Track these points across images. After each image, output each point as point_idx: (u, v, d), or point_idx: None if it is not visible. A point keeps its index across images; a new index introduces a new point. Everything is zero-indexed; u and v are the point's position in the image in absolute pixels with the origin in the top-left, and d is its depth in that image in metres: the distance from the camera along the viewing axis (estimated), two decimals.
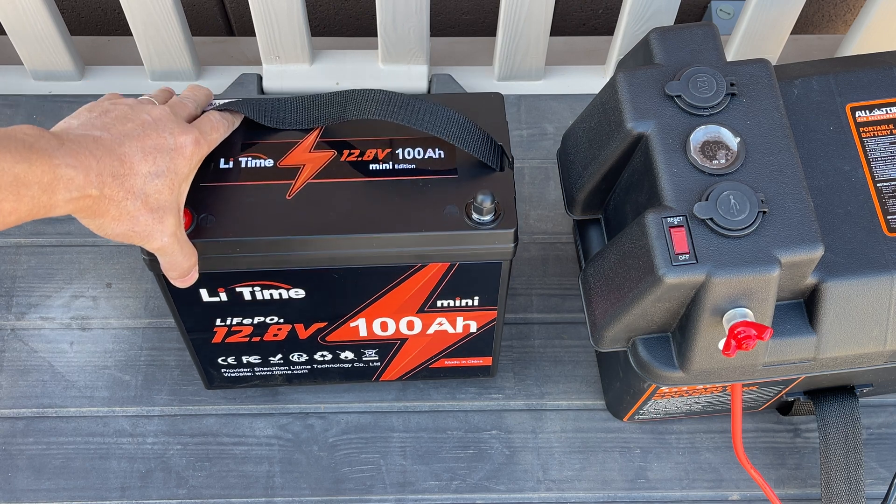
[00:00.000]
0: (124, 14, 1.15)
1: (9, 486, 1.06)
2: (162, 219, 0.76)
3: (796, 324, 0.83)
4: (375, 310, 0.95)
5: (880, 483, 1.07)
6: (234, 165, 0.87)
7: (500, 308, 0.96)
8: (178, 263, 0.81)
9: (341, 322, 0.97)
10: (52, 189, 0.67)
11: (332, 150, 0.88)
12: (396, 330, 0.99)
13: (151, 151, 0.75)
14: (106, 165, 0.71)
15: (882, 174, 0.84)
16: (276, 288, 0.91)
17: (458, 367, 1.07)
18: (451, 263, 0.89)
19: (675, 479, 1.08)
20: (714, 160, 0.79)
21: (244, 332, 0.97)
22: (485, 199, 0.82)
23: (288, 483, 1.07)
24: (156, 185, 0.75)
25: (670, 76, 0.82)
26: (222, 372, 1.05)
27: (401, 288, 0.92)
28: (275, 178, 0.86)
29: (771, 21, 1.17)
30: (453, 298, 0.94)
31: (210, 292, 0.90)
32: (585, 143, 0.89)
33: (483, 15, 1.55)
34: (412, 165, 0.87)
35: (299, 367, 1.05)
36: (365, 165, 0.87)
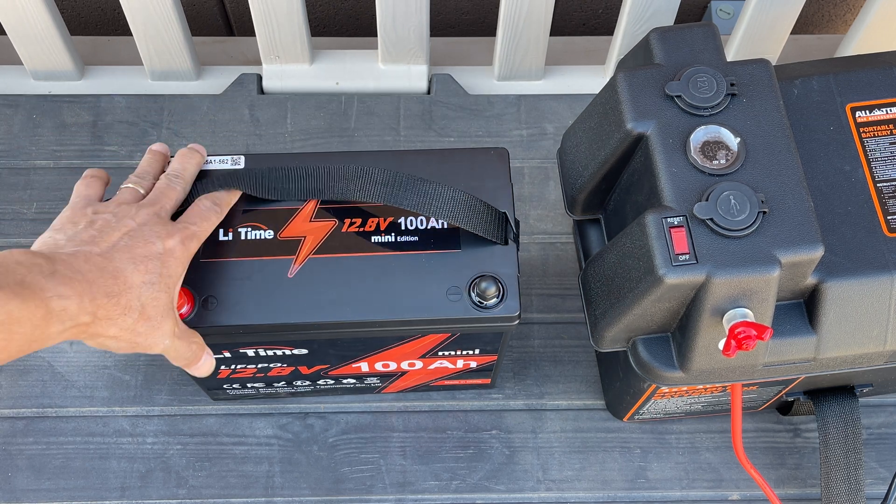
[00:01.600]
0: (124, 14, 1.15)
1: (9, 486, 1.06)
2: (160, 325, 0.76)
3: (796, 324, 0.83)
4: (378, 358, 0.96)
5: (880, 483, 1.07)
6: (234, 237, 0.85)
7: (500, 354, 0.97)
8: (183, 356, 0.81)
9: (343, 366, 0.98)
10: (45, 324, 0.66)
11: (332, 218, 0.86)
12: (398, 367, 1.00)
13: (142, 261, 0.74)
14: (100, 287, 0.70)
15: (882, 174, 0.84)
16: (280, 349, 0.91)
17: (458, 385, 1.09)
18: (452, 333, 0.90)
19: (675, 479, 1.08)
20: (714, 160, 0.79)
21: (248, 372, 0.98)
22: (488, 286, 0.83)
23: (288, 483, 1.07)
24: (151, 293, 0.74)
25: (670, 76, 0.82)
26: (227, 393, 1.06)
27: (403, 347, 0.93)
28: (275, 252, 0.85)
29: (771, 21, 1.17)
30: (455, 350, 0.95)
31: (214, 351, 0.90)
32: (585, 144, 0.89)
33: (483, 15, 1.55)
34: (415, 238, 0.86)
35: (304, 388, 1.06)
36: (367, 237, 0.86)
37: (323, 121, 1.25)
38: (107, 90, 1.26)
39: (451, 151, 0.91)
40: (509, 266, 0.85)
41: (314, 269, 0.85)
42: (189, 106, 1.25)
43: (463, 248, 0.86)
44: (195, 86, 1.27)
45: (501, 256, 0.86)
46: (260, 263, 0.84)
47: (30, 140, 1.22)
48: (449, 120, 1.25)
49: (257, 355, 0.92)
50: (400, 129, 1.24)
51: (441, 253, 0.86)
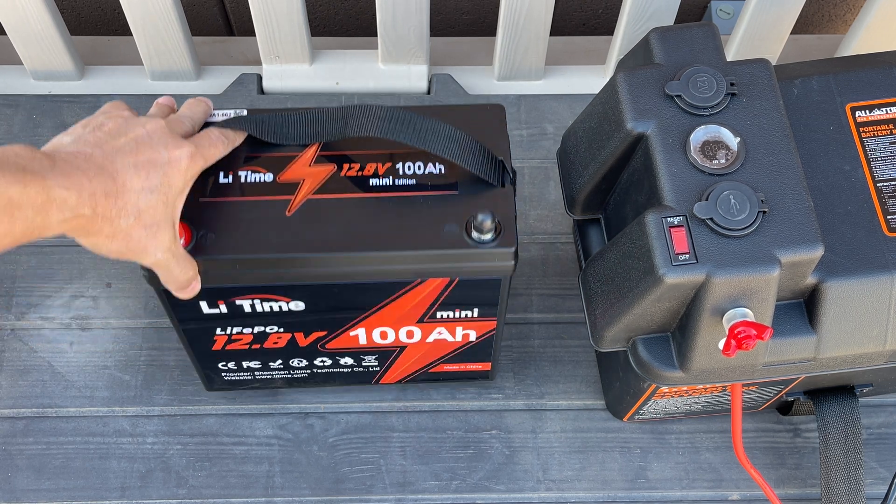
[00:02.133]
0: (124, 14, 1.15)
1: (9, 486, 1.06)
2: (156, 234, 0.76)
3: (796, 324, 0.83)
4: (375, 320, 0.95)
5: (880, 483, 1.07)
6: (234, 180, 0.86)
7: (499, 319, 0.96)
8: (176, 277, 0.81)
9: (341, 331, 0.97)
10: (45, 210, 0.67)
11: (331, 164, 0.87)
12: (396, 339, 0.99)
13: (145, 166, 0.75)
14: (98, 184, 0.71)
15: (882, 174, 0.84)
16: (276, 301, 0.90)
17: (457, 371, 1.07)
18: (450, 279, 0.89)
19: (675, 479, 1.08)
20: (714, 160, 0.79)
21: (244, 340, 0.97)
22: (485, 218, 0.82)
23: (288, 483, 1.07)
24: (149, 200, 0.75)
25: (670, 76, 0.82)
26: (222, 376, 1.05)
27: (400, 301, 0.92)
28: (274, 193, 0.85)
29: (771, 21, 1.17)
30: (453, 310, 0.94)
31: (210, 304, 0.90)
32: (585, 143, 0.89)
33: (483, 15, 1.55)
34: (412, 181, 0.86)
35: (299, 372, 1.05)
36: (365, 181, 0.86)
37: None
38: (107, 90, 1.26)
39: (448, 107, 0.91)
40: (507, 207, 0.85)
41: (312, 207, 0.85)
42: None
43: (460, 190, 0.86)
44: (195, 86, 1.27)
45: (499, 198, 0.85)
46: (258, 203, 0.85)
47: (30, 140, 1.22)
48: None
49: (253, 311, 0.92)
50: None
51: (439, 194, 0.86)
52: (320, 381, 1.08)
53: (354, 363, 1.04)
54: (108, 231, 0.73)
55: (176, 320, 0.93)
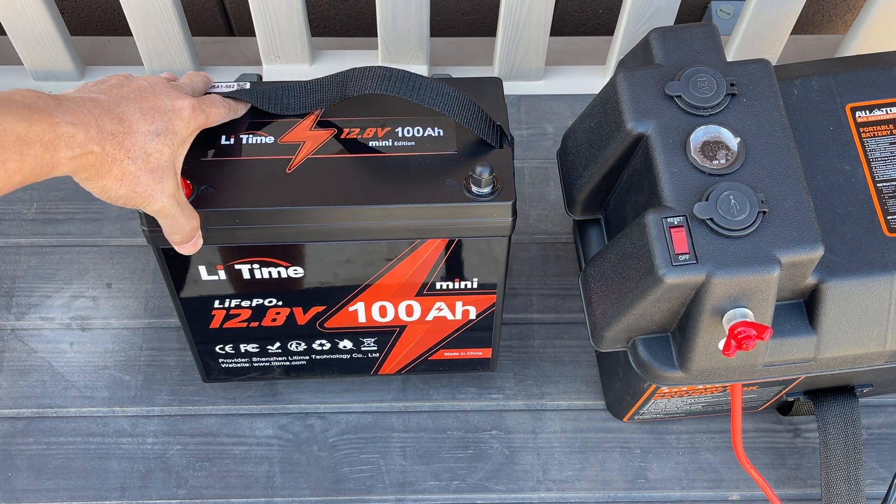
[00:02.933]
0: (124, 14, 1.15)
1: (9, 486, 1.06)
2: (162, 179, 0.76)
3: (796, 324, 0.83)
4: (374, 292, 0.95)
5: (880, 483, 1.07)
6: (236, 142, 0.87)
7: (499, 292, 0.96)
8: (181, 226, 0.81)
9: (340, 306, 0.97)
10: (54, 147, 0.68)
11: (331, 128, 0.88)
12: (395, 316, 0.99)
13: (150, 111, 0.76)
14: (105, 123, 0.72)
15: (882, 174, 0.84)
16: (275, 266, 0.91)
17: (457, 359, 1.07)
18: (449, 240, 0.89)
19: (675, 479, 1.08)
20: (714, 160, 0.79)
21: (242, 315, 0.97)
22: (483, 170, 0.83)
23: (288, 483, 1.07)
24: (156, 144, 0.76)
25: (670, 76, 0.82)
26: (220, 362, 1.05)
27: (400, 266, 0.92)
28: (275, 153, 0.87)
29: (771, 21, 1.17)
30: (452, 280, 0.94)
31: (209, 270, 0.91)
32: (585, 144, 0.89)
33: (483, 15, 1.55)
34: (412, 143, 0.88)
35: (297, 358, 1.05)
36: (364, 142, 0.88)
37: None
38: None
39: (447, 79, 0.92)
40: (505, 167, 0.86)
41: (312, 165, 0.86)
42: None
43: (459, 152, 0.87)
44: None
45: (497, 157, 0.86)
46: (259, 161, 0.86)
47: None
48: None
49: (252, 278, 0.92)
50: None
51: (438, 154, 0.87)
52: (318, 371, 1.08)
53: (353, 347, 1.03)
54: (118, 173, 0.73)
55: (175, 291, 0.94)
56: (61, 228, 1.18)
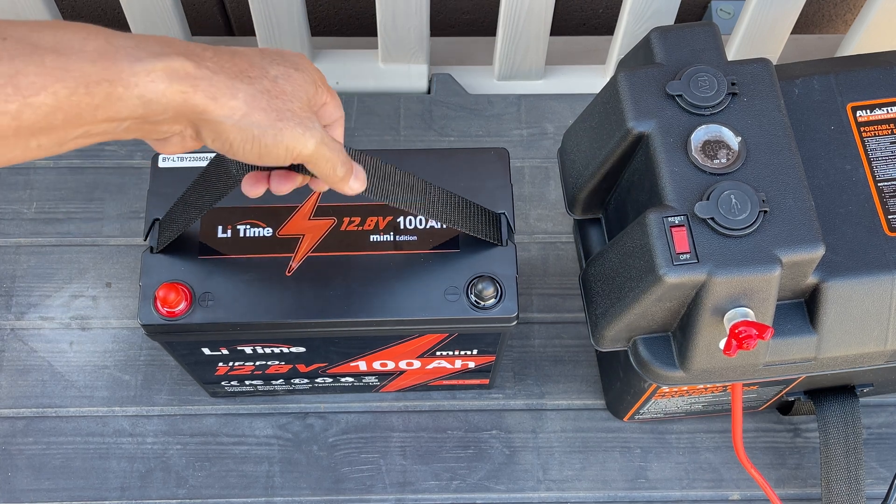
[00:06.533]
0: (124, 14, 1.15)
1: (8, 486, 1.06)
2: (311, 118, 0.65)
3: (797, 323, 0.83)
4: (375, 357, 0.96)
5: (880, 483, 1.07)
6: (233, 234, 0.85)
7: (498, 354, 0.97)
8: (338, 161, 0.68)
9: (341, 363, 0.98)
10: None
11: (331, 217, 0.86)
12: (396, 367, 1.00)
13: None
14: None
15: (883, 174, 0.84)
16: (277, 346, 0.91)
17: (456, 384, 1.09)
18: (450, 333, 0.89)
19: (675, 479, 1.08)
20: (715, 159, 0.79)
21: (246, 369, 0.98)
22: (486, 287, 0.82)
23: (288, 483, 1.07)
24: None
25: (671, 76, 0.82)
26: (225, 389, 1.06)
27: (400, 346, 0.92)
28: (274, 250, 0.85)
29: (771, 21, 1.17)
30: (453, 350, 0.95)
31: (212, 349, 0.90)
32: (586, 143, 0.89)
33: (483, 15, 1.54)
34: (413, 237, 0.86)
35: (302, 385, 1.06)
36: (365, 237, 0.86)
37: None
38: None
39: (451, 151, 0.90)
40: (508, 267, 0.85)
41: (312, 267, 0.84)
42: None
43: (462, 248, 0.86)
44: None
45: (500, 257, 0.85)
46: (258, 261, 0.84)
47: None
48: (449, 120, 1.25)
49: (255, 353, 0.92)
50: (400, 129, 1.24)
51: (440, 253, 0.85)
52: (321, 392, 1.09)
53: (355, 381, 1.04)
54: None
55: (180, 361, 0.94)
56: (61, 228, 1.18)
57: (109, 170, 1.21)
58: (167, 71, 0.57)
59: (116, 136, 0.59)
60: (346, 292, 0.84)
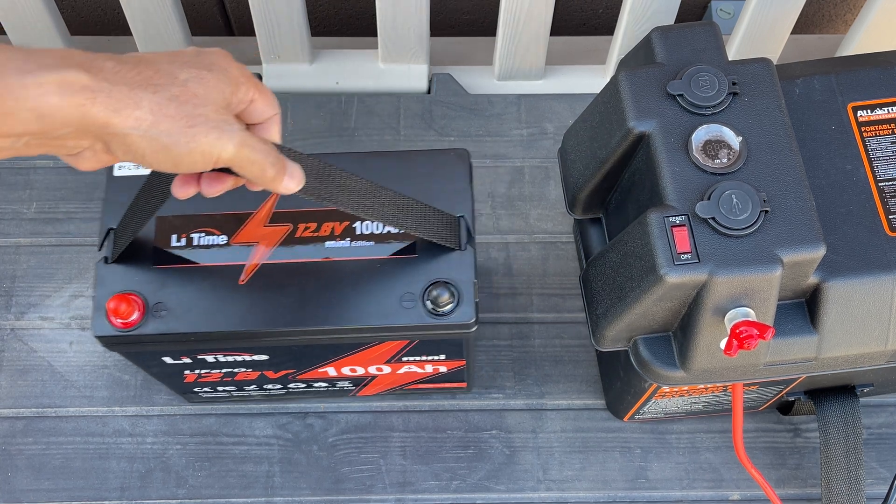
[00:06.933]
0: (124, 14, 1.15)
1: (8, 487, 1.06)
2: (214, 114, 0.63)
3: (798, 323, 0.83)
4: (342, 363, 0.94)
5: (881, 483, 1.07)
6: (187, 243, 0.84)
7: (468, 358, 0.96)
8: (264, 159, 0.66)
9: (309, 369, 0.96)
10: None
11: (287, 223, 0.85)
12: (366, 372, 0.98)
13: None
14: None
15: (884, 174, 0.84)
16: (238, 354, 0.90)
17: (433, 388, 1.08)
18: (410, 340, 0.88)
19: (675, 479, 1.08)
20: (716, 159, 0.79)
21: (214, 376, 0.97)
22: (441, 293, 0.81)
23: (287, 483, 1.07)
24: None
25: (672, 75, 0.82)
26: (200, 395, 1.05)
27: (363, 353, 0.91)
28: (227, 258, 0.83)
29: (771, 21, 1.17)
30: (419, 356, 0.93)
31: (173, 358, 0.89)
32: (587, 143, 0.89)
33: (483, 15, 1.54)
34: (370, 242, 0.85)
35: (276, 391, 1.05)
36: (321, 242, 0.84)
37: (323, 120, 1.25)
38: None
39: (410, 153, 0.89)
40: (465, 272, 0.84)
41: (266, 275, 0.83)
42: None
43: (419, 253, 0.84)
44: None
45: (458, 262, 0.84)
46: (212, 269, 0.83)
47: None
48: (449, 119, 1.25)
49: (218, 361, 0.91)
50: (400, 129, 1.24)
51: (396, 259, 0.84)
52: (297, 397, 1.08)
53: (329, 385, 1.04)
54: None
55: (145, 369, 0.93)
56: (61, 228, 1.18)
57: None
58: (60, 83, 0.56)
59: (19, 151, 0.58)
60: (300, 300, 0.82)
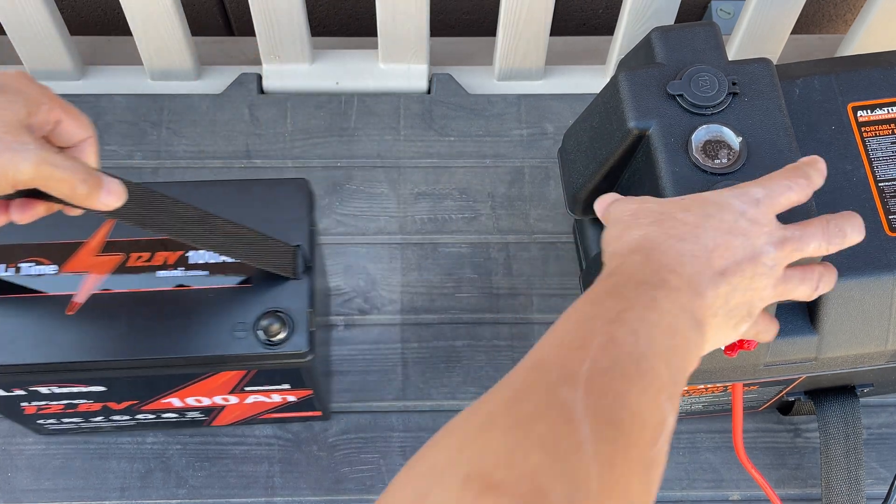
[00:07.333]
0: (124, 14, 1.15)
1: (9, 486, 1.06)
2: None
3: (798, 324, 0.83)
4: (183, 394, 0.93)
5: (881, 483, 1.07)
6: (16, 272, 0.82)
7: (315, 388, 0.94)
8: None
9: (152, 401, 0.95)
10: None
11: (119, 252, 0.83)
12: (212, 403, 0.97)
13: None
14: None
15: (884, 174, 0.84)
16: (73, 385, 0.87)
17: (290, 416, 1.06)
18: (247, 370, 0.87)
19: (675, 479, 1.08)
20: (716, 159, 0.79)
21: (54, 408, 0.94)
22: (271, 323, 0.81)
23: (287, 483, 1.07)
24: None
25: (672, 75, 0.82)
26: (47, 427, 1.03)
27: (203, 383, 0.90)
28: (57, 288, 0.81)
29: (771, 21, 1.17)
30: (262, 385, 0.92)
31: (5, 389, 0.87)
32: (587, 143, 0.89)
33: (483, 15, 1.54)
34: (204, 272, 0.83)
35: (125, 422, 1.03)
36: (153, 272, 0.83)
37: (323, 120, 1.25)
38: (106, 90, 1.26)
39: (249, 183, 0.88)
40: (300, 301, 0.83)
41: (96, 305, 0.81)
42: (189, 106, 1.25)
43: (254, 283, 0.83)
44: (195, 85, 1.27)
45: (293, 291, 0.83)
46: (40, 300, 0.81)
47: None
48: (449, 120, 1.25)
49: (53, 393, 0.88)
50: (400, 129, 1.24)
51: (230, 288, 0.83)
52: (153, 429, 1.07)
53: (179, 416, 1.02)
54: None
55: None
56: None
57: (109, 170, 1.20)
58: None
59: None
60: (130, 331, 0.81)
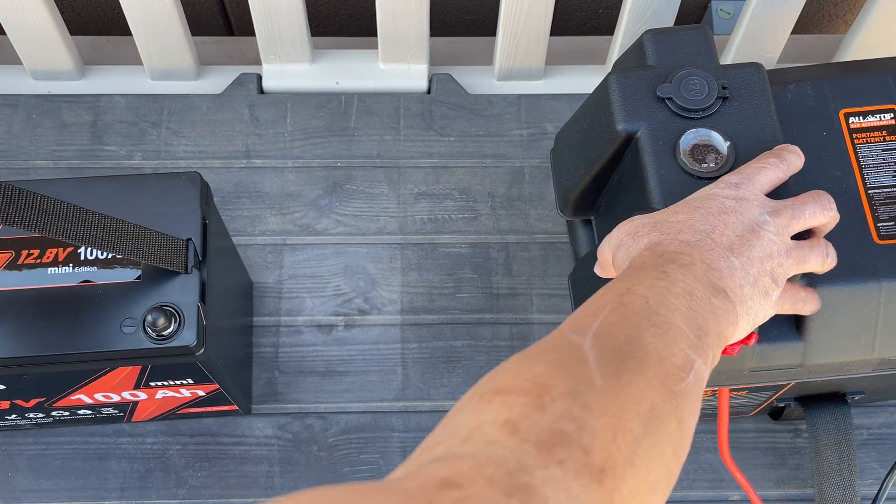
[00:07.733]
0: (124, 14, 1.15)
1: (9, 486, 1.06)
2: None
3: (783, 330, 0.82)
4: (88, 391, 0.92)
5: (880, 483, 1.07)
6: None
7: (221, 382, 0.94)
8: None
9: (61, 397, 0.94)
10: None
11: (8, 250, 0.83)
12: (122, 399, 0.96)
13: None
14: None
15: (874, 181, 0.83)
16: None
17: (207, 411, 1.06)
18: (142, 366, 0.86)
19: None
20: (704, 163, 0.78)
21: None
22: (157, 318, 0.80)
23: (287, 483, 1.07)
24: None
25: (662, 78, 0.82)
26: None
27: (103, 380, 0.89)
28: None
29: (771, 21, 1.17)
30: (164, 380, 0.91)
31: None
32: (577, 144, 0.89)
33: (483, 15, 1.54)
34: (93, 268, 0.83)
35: (43, 420, 1.02)
36: (42, 271, 0.82)
37: (323, 120, 1.25)
38: (106, 90, 1.26)
39: (140, 178, 0.88)
40: (189, 295, 0.82)
41: None
42: (189, 106, 1.25)
43: (143, 277, 0.83)
44: (195, 85, 1.27)
45: (182, 286, 0.83)
46: None
47: (29, 140, 1.22)
48: (449, 119, 1.25)
49: None
50: (400, 129, 1.24)
51: (121, 284, 0.82)
52: (73, 425, 1.06)
53: (94, 413, 1.01)
54: None
55: None
56: None
57: (109, 170, 1.21)
58: None
59: None
60: (17, 328, 0.80)
